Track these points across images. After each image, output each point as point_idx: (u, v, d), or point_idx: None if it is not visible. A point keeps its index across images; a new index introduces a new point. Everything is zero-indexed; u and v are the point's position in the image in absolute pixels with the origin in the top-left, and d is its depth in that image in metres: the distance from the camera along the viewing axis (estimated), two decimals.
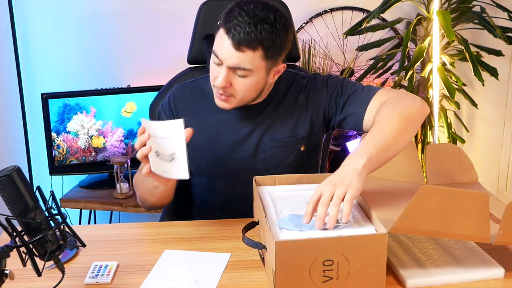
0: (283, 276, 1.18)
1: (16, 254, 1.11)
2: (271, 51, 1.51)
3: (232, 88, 1.54)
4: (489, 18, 2.67)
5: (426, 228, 1.24)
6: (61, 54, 2.99)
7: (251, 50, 1.48)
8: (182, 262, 1.39)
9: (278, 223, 1.30)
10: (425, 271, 1.29)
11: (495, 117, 3.25)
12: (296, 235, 1.24)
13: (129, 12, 2.97)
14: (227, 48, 1.48)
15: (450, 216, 1.22)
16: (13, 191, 1.08)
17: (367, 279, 1.21)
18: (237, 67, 1.50)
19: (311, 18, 3.01)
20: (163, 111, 1.75)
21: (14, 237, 1.11)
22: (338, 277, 1.20)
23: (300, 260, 1.18)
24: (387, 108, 1.52)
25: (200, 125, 1.67)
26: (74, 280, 1.32)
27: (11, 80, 2.98)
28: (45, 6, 2.93)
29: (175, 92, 1.76)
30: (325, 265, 1.19)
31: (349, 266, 1.19)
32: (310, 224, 1.29)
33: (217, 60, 1.51)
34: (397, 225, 1.20)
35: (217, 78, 1.52)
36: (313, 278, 1.19)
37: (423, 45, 2.75)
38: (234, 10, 1.49)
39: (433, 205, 1.20)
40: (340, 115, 1.66)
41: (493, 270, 1.29)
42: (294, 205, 1.41)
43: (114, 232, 1.58)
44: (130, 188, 2.73)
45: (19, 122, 3.02)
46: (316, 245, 1.18)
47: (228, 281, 1.30)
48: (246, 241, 1.34)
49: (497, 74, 2.73)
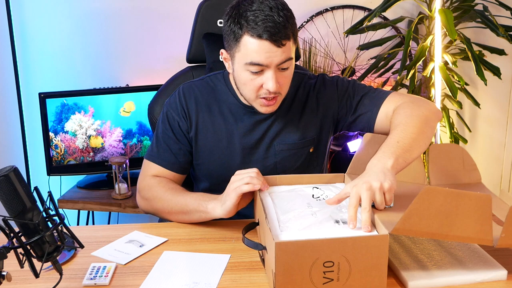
0: (283, 277, 1.17)
1: (14, 255, 1.10)
2: (295, 33, 1.51)
3: (280, 87, 1.52)
4: (492, 16, 2.67)
5: (428, 230, 1.22)
6: (59, 53, 2.99)
7: (288, 40, 1.47)
8: (181, 264, 1.38)
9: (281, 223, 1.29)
10: (427, 273, 1.28)
11: (497, 116, 3.25)
12: (296, 236, 1.23)
13: (128, 11, 2.96)
14: (269, 49, 1.45)
15: (452, 218, 1.21)
16: (10, 191, 1.07)
17: (368, 280, 1.20)
18: (284, 60, 1.48)
19: (312, 17, 3.00)
20: (173, 110, 1.69)
21: (11, 238, 1.10)
22: (339, 279, 1.19)
23: (300, 261, 1.16)
24: (404, 111, 1.53)
25: (213, 127, 1.67)
26: (72, 282, 1.31)
27: (9, 80, 2.98)
28: (43, 5, 2.93)
29: (184, 89, 1.71)
30: (325, 267, 1.17)
31: (350, 268, 1.18)
32: (314, 221, 1.29)
33: (257, 68, 1.48)
34: (398, 226, 1.19)
35: (269, 85, 1.49)
36: (314, 280, 1.18)
37: (425, 44, 2.75)
38: (245, 11, 1.46)
39: (435, 207, 1.19)
40: (352, 116, 1.66)
41: (496, 272, 1.28)
42: (296, 209, 1.37)
43: (113, 233, 1.56)
44: (129, 188, 2.72)
45: (16, 121, 3.01)
46: (317, 246, 1.16)
47: (227, 283, 1.29)
48: (246, 242, 1.32)
49: (500, 73, 2.74)
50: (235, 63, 1.53)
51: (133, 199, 2.66)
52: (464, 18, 2.82)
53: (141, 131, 2.84)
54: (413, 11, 3.03)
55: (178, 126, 1.68)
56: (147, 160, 1.71)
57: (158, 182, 1.65)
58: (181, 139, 1.68)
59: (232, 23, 1.48)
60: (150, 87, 2.76)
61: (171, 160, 1.68)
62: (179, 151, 1.68)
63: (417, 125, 1.47)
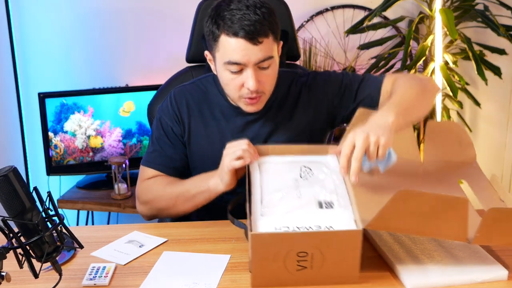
0: (259, 264, 1.23)
1: (13, 255, 1.10)
2: (276, 31, 1.51)
3: (261, 85, 1.52)
4: (493, 16, 2.67)
5: (403, 227, 1.26)
6: (58, 52, 2.98)
7: (266, 37, 1.47)
8: (181, 264, 1.38)
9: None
10: (428, 273, 1.27)
11: (498, 116, 3.24)
12: (276, 222, 1.26)
13: (127, 11, 2.95)
14: (245, 47, 1.46)
15: (428, 218, 1.22)
16: (9, 191, 1.07)
17: (341, 269, 1.24)
18: (262, 59, 1.48)
19: (312, 16, 3.00)
20: (165, 116, 1.70)
21: (10, 238, 1.10)
22: (313, 267, 1.23)
23: (274, 251, 1.21)
24: (403, 81, 1.57)
25: (205, 131, 1.67)
26: (72, 282, 1.30)
27: (8, 79, 2.97)
28: (42, 4, 2.92)
29: (175, 94, 1.71)
30: (299, 256, 1.21)
31: (323, 258, 1.22)
32: (296, 205, 1.32)
33: (236, 68, 1.49)
34: (373, 222, 1.21)
35: (249, 84, 1.49)
36: (288, 267, 1.23)
37: (426, 44, 2.74)
38: (222, 11, 1.47)
39: (409, 208, 1.20)
40: (353, 104, 1.66)
41: (497, 271, 1.28)
42: (280, 190, 1.39)
43: (112, 233, 1.56)
44: (128, 188, 2.72)
45: (15, 121, 3.00)
46: (291, 239, 1.21)
47: (227, 283, 1.29)
48: (230, 219, 1.39)
49: (501, 73, 2.74)
50: (217, 63, 1.55)
51: (133, 199, 2.65)
52: (464, 17, 2.82)
53: (141, 131, 2.83)
54: (413, 11, 3.02)
55: (171, 131, 1.69)
56: (143, 166, 1.71)
57: (154, 182, 1.66)
58: (176, 144, 1.69)
59: (210, 23, 1.50)
60: (149, 87, 2.76)
61: (167, 164, 1.68)
62: (175, 155, 1.69)
63: (416, 91, 1.52)
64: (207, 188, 1.54)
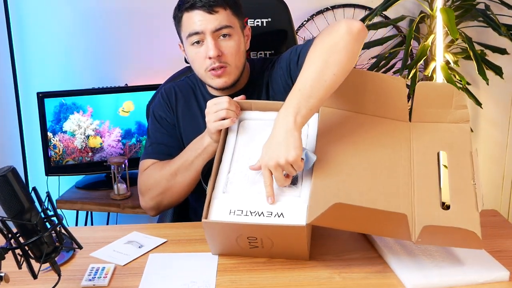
0: (214, 242, 1.37)
1: (11, 256, 1.10)
2: (236, 7, 1.61)
3: (224, 56, 1.58)
4: (494, 15, 2.67)
5: (349, 226, 1.33)
6: (57, 52, 2.98)
7: (223, 9, 1.57)
8: (171, 265, 1.38)
9: None
10: (428, 273, 1.27)
11: (499, 116, 3.24)
12: (236, 199, 1.34)
13: (126, 11, 2.95)
14: (201, 17, 1.55)
15: (370, 223, 1.26)
16: (8, 192, 1.07)
17: (291, 250, 1.34)
18: (219, 27, 1.56)
19: (312, 16, 2.99)
20: (158, 109, 1.76)
21: (9, 239, 1.10)
22: (263, 247, 1.33)
23: (226, 235, 1.34)
24: (312, 48, 1.45)
25: (192, 121, 1.72)
26: (71, 283, 1.30)
27: (6, 79, 2.96)
28: (41, 4, 2.91)
29: (165, 89, 1.79)
30: (250, 239, 1.32)
31: (272, 243, 1.31)
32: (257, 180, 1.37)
33: (197, 37, 1.57)
34: (317, 220, 1.23)
35: (208, 50, 1.56)
36: (241, 245, 1.34)
37: (427, 43, 2.74)
38: None
39: (348, 217, 1.25)
40: (297, 68, 1.56)
41: (498, 273, 1.28)
42: (251, 156, 1.41)
43: (112, 234, 1.55)
44: (128, 189, 2.71)
45: (14, 121, 3.00)
46: (240, 228, 1.30)
47: (227, 284, 1.29)
48: (204, 186, 1.44)
49: (502, 73, 2.73)
50: (184, 45, 1.65)
51: (132, 199, 2.65)
52: (465, 17, 2.81)
53: (140, 131, 2.83)
54: (414, 10, 3.02)
55: (166, 121, 1.74)
56: (141, 161, 1.74)
57: (151, 168, 1.68)
58: (171, 132, 1.74)
59: (174, 12, 1.63)
60: (149, 87, 2.75)
61: (164, 151, 1.71)
62: (171, 142, 1.72)
63: (318, 59, 1.39)
64: (203, 150, 1.57)
